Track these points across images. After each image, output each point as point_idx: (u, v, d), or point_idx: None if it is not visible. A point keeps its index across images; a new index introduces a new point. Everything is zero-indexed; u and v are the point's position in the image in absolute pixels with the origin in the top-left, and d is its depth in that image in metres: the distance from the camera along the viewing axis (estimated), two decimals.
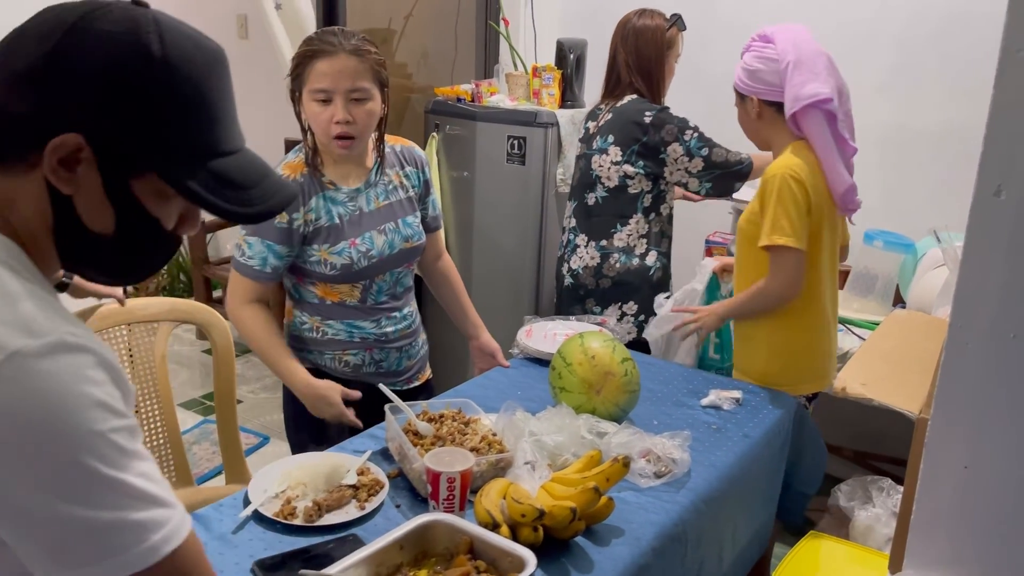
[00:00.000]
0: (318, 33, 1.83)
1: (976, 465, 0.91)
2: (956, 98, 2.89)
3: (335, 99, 1.78)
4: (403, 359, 2.07)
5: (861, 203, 2.20)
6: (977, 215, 0.85)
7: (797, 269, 2.05)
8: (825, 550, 1.95)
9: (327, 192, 1.88)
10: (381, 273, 1.95)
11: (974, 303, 0.86)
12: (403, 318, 2.04)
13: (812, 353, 2.21)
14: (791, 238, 2.01)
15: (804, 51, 2.10)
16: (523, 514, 1.36)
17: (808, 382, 2.22)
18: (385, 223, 1.95)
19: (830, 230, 2.16)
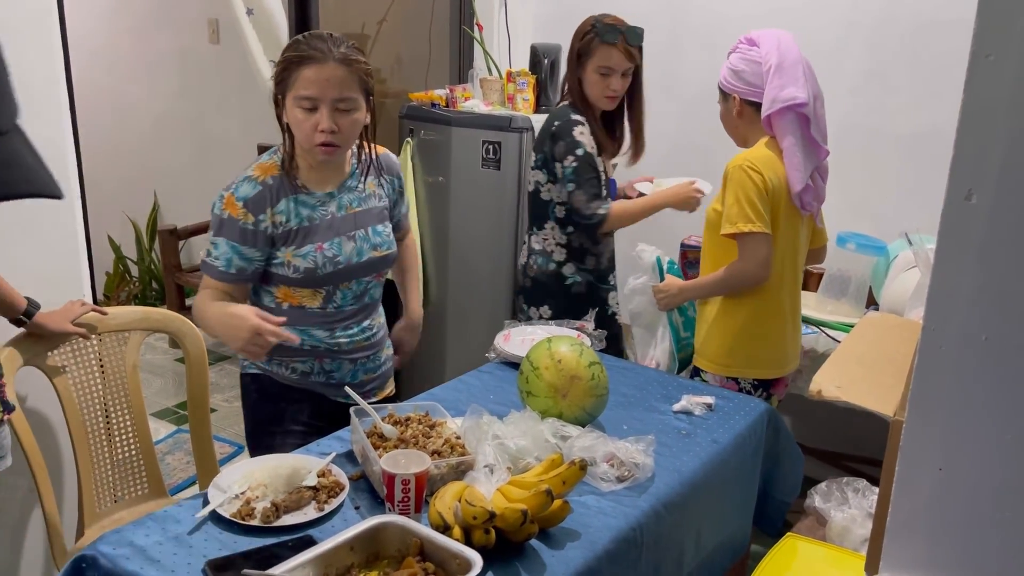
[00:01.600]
0: (306, 37, 1.80)
1: (951, 467, 0.91)
2: (927, 102, 2.93)
3: (321, 107, 1.75)
4: (359, 372, 2.02)
5: (816, 207, 2.31)
6: (948, 219, 0.85)
7: (765, 251, 2.19)
8: (802, 552, 1.96)
9: (299, 195, 1.86)
10: (346, 281, 1.92)
11: (947, 306, 0.87)
12: (361, 330, 2.00)
13: (762, 339, 2.33)
14: (757, 224, 2.16)
15: (786, 56, 2.21)
16: (475, 516, 1.37)
17: (757, 367, 2.34)
18: (355, 230, 1.93)
19: (789, 225, 2.26)
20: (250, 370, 2.00)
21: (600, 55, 2.50)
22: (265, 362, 1.95)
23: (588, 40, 2.53)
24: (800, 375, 2.79)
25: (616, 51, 2.50)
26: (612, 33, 2.49)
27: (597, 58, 2.51)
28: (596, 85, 2.54)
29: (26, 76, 2.18)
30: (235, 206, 1.81)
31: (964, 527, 0.91)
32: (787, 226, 2.27)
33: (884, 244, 2.92)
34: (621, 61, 2.51)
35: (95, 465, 2.17)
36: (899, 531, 0.96)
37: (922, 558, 0.95)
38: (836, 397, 1.51)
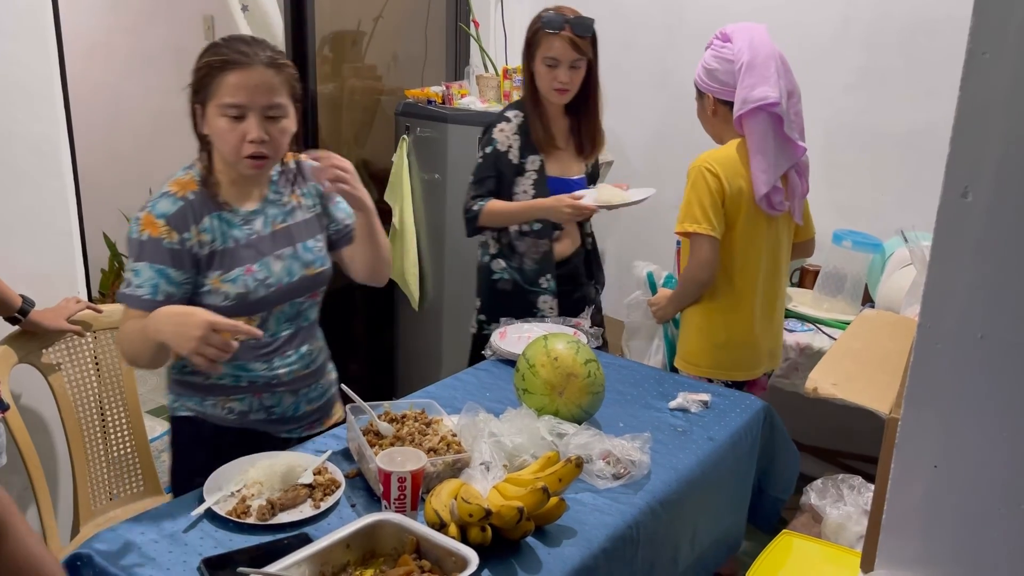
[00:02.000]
0: (226, 40, 1.64)
1: (946, 464, 0.91)
2: (923, 100, 2.93)
3: (249, 116, 1.60)
4: (300, 404, 1.84)
5: (795, 204, 2.33)
6: (944, 216, 0.85)
7: (710, 253, 2.22)
8: (797, 549, 1.96)
9: (222, 213, 1.69)
10: (280, 304, 1.75)
11: (942, 304, 0.87)
12: (300, 357, 1.82)
13: (729, 342, 2.34)
14: (701, 225, 2.20)
15: (758, 53, 2.18)
16: (471, 514, 1.37)
17: (725, 369, 2.36)
18: (283, 248, 1.76)
19: (754, 227, 2.27)
20: (181, 413, 1.81)
21: (545, 45, 2.40)
22: (197, 402, 1.78)
23: (535, 30, 2.43)
24: (796, 372, 2.79)
25: (560, 40, 2.38)
26: (556, 22, 2.38)
27: (543, 48, 2.40)
28: (544, 77, 2.43)
29: (21, 74, 2.18)
30: (155, 225, 1.62)
31: (959, 524, 0.92)
32: (751, 228, 2.26)
33: (880, 242, 2.92)
34: (566, 51, 2.38)
35: (90, 463, 2.17)
36: (894, 528, 0.96)
37: (917, 555, 0.95)
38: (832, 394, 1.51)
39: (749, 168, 2.22)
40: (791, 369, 2.80)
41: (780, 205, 2.26)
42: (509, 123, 2.50)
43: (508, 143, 2.49)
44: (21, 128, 2.19)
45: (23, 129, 2.20)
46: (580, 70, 2.44)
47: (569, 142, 2.59)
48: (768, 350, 2.44)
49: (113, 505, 2.22)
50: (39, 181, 2.25)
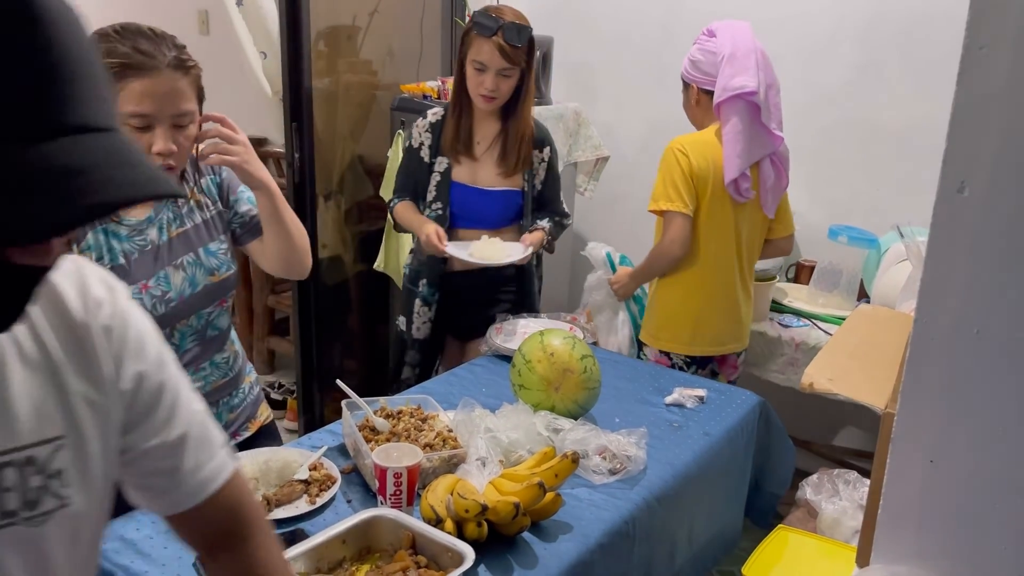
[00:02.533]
0: (123, 33, 1.43)
1: (942, 459, 0.91)
2: (919, 95, 2.93)
3: (157, 126, 1.43)
4: (223, 413, 1.72)
5: (769, 197, 2.42)
6: (941, 212, 0.85)
7: (683, 230, 2.36)
8: (793, 543, 1.97)
9: (107, 226, 1.51)
10: (184, 318, 1.59)
11: (939, 299, 0.87)
12: (216, 367, 1.69)
13: (690, 316, 2.47)
14: (674, 202, 2.35)
15: (739, 47, 2.33)
16: (467, 509, 1.37)
17: (685, 344, 2.49)
18: (183, 256, 1.58)
19: (720, 210, 2.39)
20: None
21: (475, 48, 2.25)
22: None
23: (468, 29, 2.29)
24: (791, 367, 2.79)
25: (490, 46, 2.22)
26: (488, 25, 2.22)
27: (473, 50, 2.26)
28: (471, 80, 2.29)
29: None
30: None
31: (955, 519, 0.92)
32: (718, 211, 2.39)
33: (875, 237, 2.92)
34: (494, 58, 2.22)
35: None
36: (890, 523, 0.96)
37: (913, 549, 0.95)
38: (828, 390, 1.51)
39: (722, 153, 2.34)
40: (787, 364, 2.80)
41: (747, 192, 2.39)
42: (424, 119, 2.42)
43: (420, 140, 2.42)
44: None
45: None
46: (510, 79, 2.29)
47: (492, 151, 2.41)
48: (731, 331, 2.54)
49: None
50: None
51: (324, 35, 3.38)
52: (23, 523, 0.75)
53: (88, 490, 0.80)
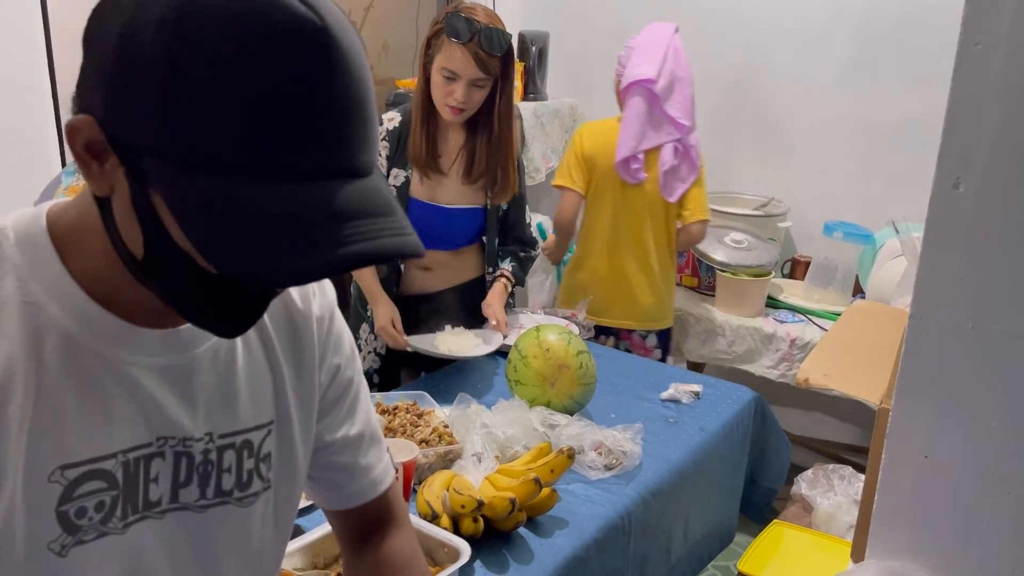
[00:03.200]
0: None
1: (936, 454, 0.92)
2: (914, 91, 2.94)
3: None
4: None
5: (644, 176, 2.57)
6: (936, 207, 0.85)
7: (571, 203, 2.59)
8: (788, 538, 1.97)
9: None
10: None
11: (933, 294, 0.87)
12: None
13: (580, 284, 2.69)
14: (565, 180, 2.59)
15: (652, 41, 2.53)
16: (463, 505, 1.37)
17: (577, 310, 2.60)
18: None
19: (611, 190, 2.58)
20: None
21: (445, 53, 1.94)
22: None
23: (438, 30, 1.97)
24: (786, 363, 2.80)
25: (463, 52, 1.91)
26: (462, 30, 1.91)
27: (442, 56, 1.95)
28: (438, 88, 1.98)
29: (8, 64, 2.16)
30: None
31: (949, 514, 0.92)
32: (607, 191, 2.60)
33: (871, 233, 2.93)
34: (468, 67, 1.93)
35: None
36: (885, 518, 0.97)
37: (907, 544, 0.96)
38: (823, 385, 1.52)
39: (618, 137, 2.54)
40: (782, 360, 2.81)
41: (636, 173, 2.55)
42: (380, 126, 2.09)
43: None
44: (8, 118, 2.17)
45: (10, 120, 2.18)
46: (483, 89, 1.99)
47: (457, 166, 2.13)
48: (622, 307, 2.68)
49: None
50: (27, 172, 2.23)
51: None
52: (235, 503, 0.79)
53: (289, 474, 0.83)
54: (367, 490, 0.94)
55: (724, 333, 2.90)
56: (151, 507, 0.74)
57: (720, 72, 3.35)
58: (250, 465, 0.79)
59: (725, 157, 3.43)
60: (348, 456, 0.91)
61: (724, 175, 3.44)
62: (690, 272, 3.16)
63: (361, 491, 0.94)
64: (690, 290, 3.16)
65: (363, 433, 0.92)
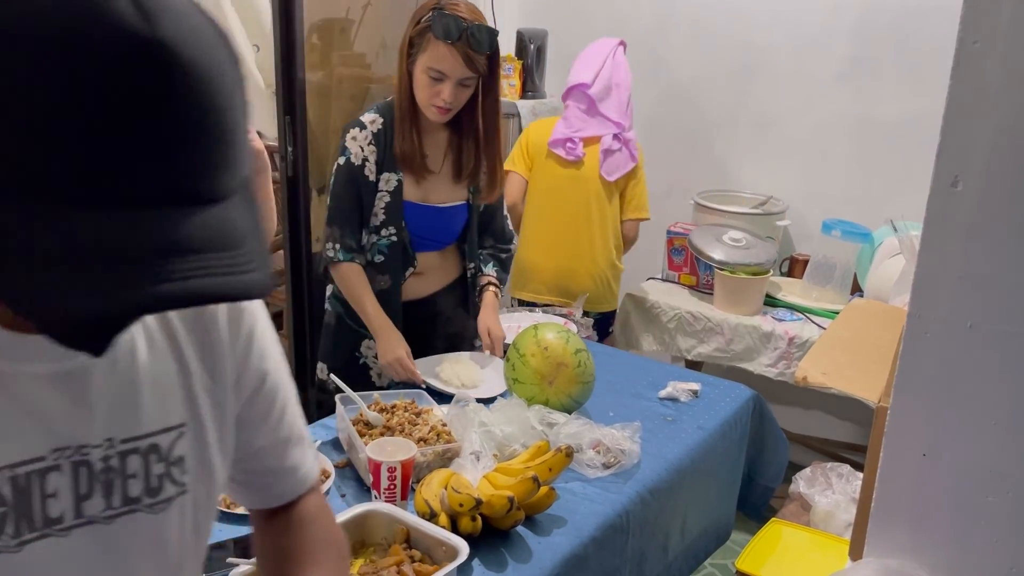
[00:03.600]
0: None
1: (935, 452, 0.92)
2: (913, 89, 2.94)
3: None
4: None
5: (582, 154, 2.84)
6: (934, 206, 0.85)
7: (514, 185, 2.88)
8: (786, 536, 1.98)
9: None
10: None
11: (932, 293, 0.87)
12: None
13: (520, 260, 2.89)
14: (511, 164, 2.87)
15: (593, 52, 2.87)
16: (461, 503, 1.37)
17: (517, 289, 2.96)
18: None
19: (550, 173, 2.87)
20: None
21: (431, 53, 1.88)
22: None
23: (423, 30, 1.91)
24: (784, 361, 2.80)
25: (452, 53, 1.86)
26: (451, 29, 1.86)
27: (428, 56, 1.89)
28: (424, 89, 1.92)
29: None
30: None
31: (948, 512, 0.92)
32: (547, 174, 2.89)
33: (869, 231, 2.93)
34: (457, 67, 1.88)
35: None
36: (883, 516, 0.97)
37: (906, 543, 0.96)
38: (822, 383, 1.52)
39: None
40: (780, 358, 2.81)
41: (572, 151, 2.83)
42: (363, 130, 2.00)
43: (362, 155, 1.99)
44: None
45: None
46: (470, 88, 1.95)
47: (445, 164, 2.08)
48: (558, 285, 2.89)
49: None
50: None
51: (317, 28, 3.37)
52: (145, 510, 0.75)
53: (206, 478, 0.81)
54: (295, 488, 0.93)
55: (722, 331, 2.90)
56: (52, 524, 0.69)
57: (718, 70, 3.35)
58: (159, 470, 0.75)
59: (723, 155, 3.43)
60: (275, 460, 0.90)
61: (722, 173, 3.44)
62: (688, 270, 3.16)
63: (289, 490, 0.92)
64: (688, 288, 3.16)
65: (290, 436, 0.91)
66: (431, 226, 2.10)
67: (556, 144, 2.85)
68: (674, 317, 3.00)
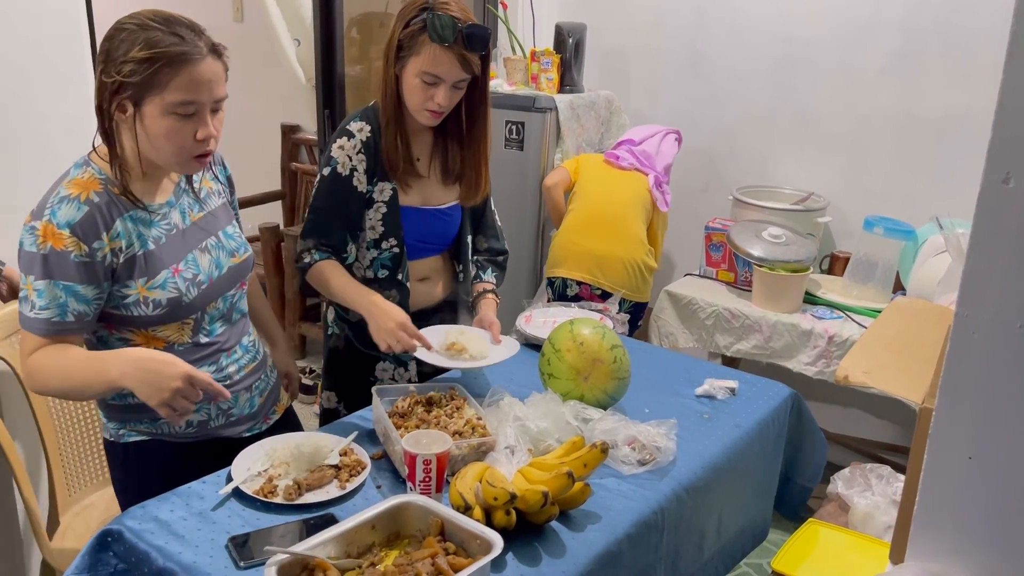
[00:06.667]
0: (160, 23, 1.43)
1: (981, 455, 0.90)
2: (958, 84, 2.87)
3: (201, 112, 1.44)
4: (254, 398, 1.71)
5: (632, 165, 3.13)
6: (985, 203, 0.83)
7: (557, 175, 3.16)
8: (824, 537, 1.95)
9: (134, 212, 1.50)
10: (213, 300, 1.60)
11: (981, 292, 0.85)
12: (246, 351, 1.70)
13: (567, 244, 3.08)
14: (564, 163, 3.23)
15: (646, 127, 3.28)
16: (496, 497, 1.37)
17: (551, 266, 3.12)
18: (206, 239, 1.60)
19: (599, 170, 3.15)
20: (130, 438, 1.62)
21: (426, 57, 1.79)
22: (149, 423, 1.61)
23: (414, 32, 1.80)
24: (824, 359, 2.76)
25: (448, 56, 1.78)
26: (447, 32, 1.77)
27: (422, 60, 1.79)
28: (416, 93, 1.83)
29: (54, 56, 2.20)
30: (59, 236, 1.40)
31: (993, 516, 0.90)
32: (600, 171, 3.13)
33: (912, 228, 2.87)
34: (453, 70, 1.80)
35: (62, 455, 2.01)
36: (926, 519, 0.95)
37: (949, 547, 0.94)
38: (863, 383, 1.49)
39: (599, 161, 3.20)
40: (819, 357, 2.77)
41: (625, 159, 3.13)
42: (351, 139, 1.90)
43: (350, 165, 1.90)
44: (52, 110, 2.21)
45: (54, 111, 2.22)
46: (462, 90, 1.88)
47: (433, 167, 2.01)
48: (587, 265, 3.01)
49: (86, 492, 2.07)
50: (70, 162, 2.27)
51: (357, 22, 3.39)
52: None
53: None
54: None
55: (761, 329, 2.87)
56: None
57: (759, 65, 3.31)
58: None
59: (764, 151, 3.39)
60: None
61: (763, 169, 3.40)
62: (726, 267, 3.13)
63: None
64: (726, 285, 3.13)
65: None
66: (431, 229, 2.02)
67: (611, 156, 3.15)
68: (712, 314, 2.97)
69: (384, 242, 1.96)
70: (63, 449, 2.04)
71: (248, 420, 1.72)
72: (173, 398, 1.36)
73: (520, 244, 3.32)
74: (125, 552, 1.37)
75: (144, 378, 1.36)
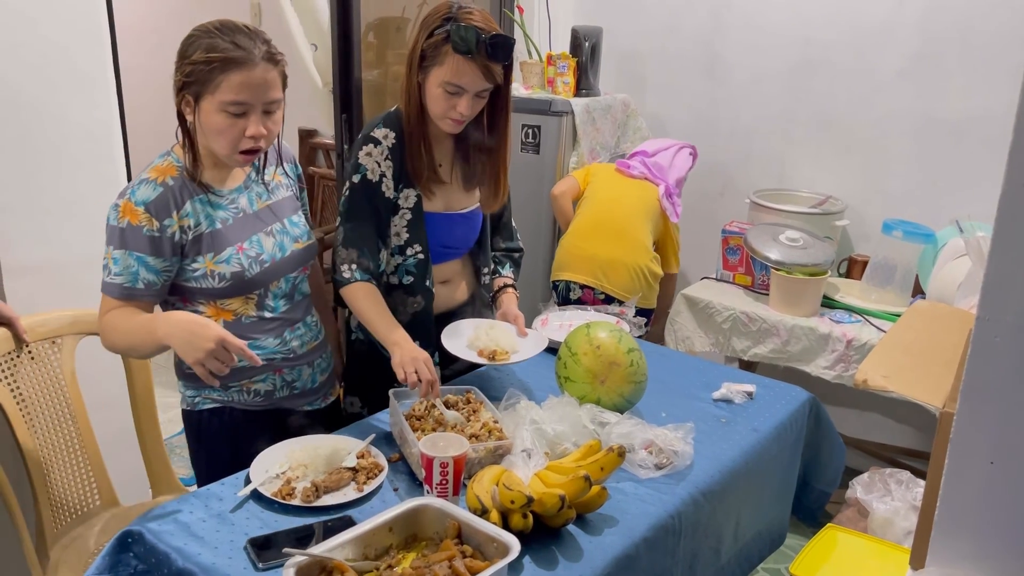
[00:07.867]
0: (222, 31, 1.58)
1: (1003, 460, 0.89)
2: (977, 86, 2.85)
3: (251, 113, 1.59)
4: (316, 374, 1.86)
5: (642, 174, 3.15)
6: (1007, 206, 0.83)
7: (565, 184, 3.17)
8: (842, 543, 1.94)
9: (205, 196, 1.67)
10: (275, 279, 1.75)
11: (1002, 296, 0.84)
12: (309, 328, 1.84)
13: (572, 248, 3.08)
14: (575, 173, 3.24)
15: (660, 140, 3.30)
16: (512, 500, 1.37)
17: (555, 269, 3.13)
18: (271, 224, 1.76)
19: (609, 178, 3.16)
20: (204, 406, 1.76)
21: (450, 67, 1.79)
22: (221, 391, 1.75)
23: (437, 42, 1.80)
24: (842, 363, 2.74)
25: (472, 67, 1.78)
26: (470, 43, 1.77)
27: (445, 70, 1.80)
28: (439, 102, 1.84)
29: (76, 61, 2.22)
30: (135, 212, 1.59)
31: (1016, 521, 0.89)
32: (610, 179, 3.15)
33: (932, 231, 2.85)
34: (476, 80, 1.80)
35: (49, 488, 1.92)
36: (948, 525, 0.94)
37: (971, 552, 0.93)
38: (882, 387, 1.48)
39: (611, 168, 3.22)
40: (837, 361, 2.75)
41: (636, 169, 3.15)
42: (378, 145, 1.90)
43: (379, 171, 1.90)
44: (75, 114, 2.23)
45: (77, 115, 2.24)
46: (484, 99, 1.88)
47: (455, 173, 2.01)
48: (587, 267, 3.00)
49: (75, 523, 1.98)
50: (93, 166, 2.30)
51: (374, 27, 3.41)
52: None
53: None
54: None
55: (778, 332, 2.86)
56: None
57: (776, 67, 3.30)
58: None
59: (781, 154, 3.37)
60: None
61: (780, 172, 3.39)
62: (743, 270, 3.12)
63: None
64: (743, 288, 3.12)
65: None
66: (454, 235, 2.03)
67: (622, 165, 3.16)
68: (729, 317, 2.96)
69: (409, 248, 1.96)
70: (49, 481, 1.95)
71: (310, 394, 1.85)
72: (207, 358, 1.49)
73: (536, 247, 3.33)
74: (145, 553, 1.38)
75: (184, 337, 1.51)
